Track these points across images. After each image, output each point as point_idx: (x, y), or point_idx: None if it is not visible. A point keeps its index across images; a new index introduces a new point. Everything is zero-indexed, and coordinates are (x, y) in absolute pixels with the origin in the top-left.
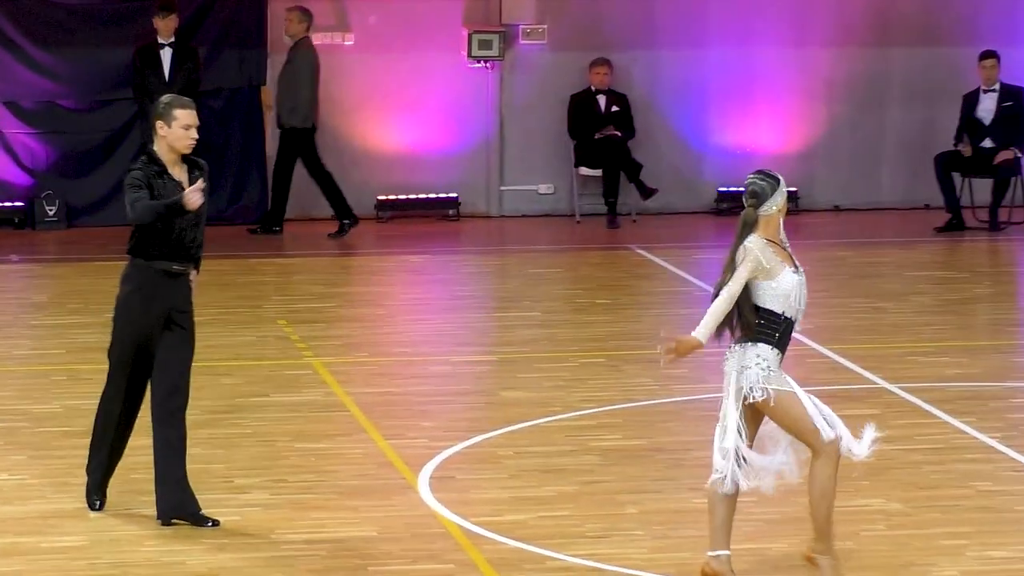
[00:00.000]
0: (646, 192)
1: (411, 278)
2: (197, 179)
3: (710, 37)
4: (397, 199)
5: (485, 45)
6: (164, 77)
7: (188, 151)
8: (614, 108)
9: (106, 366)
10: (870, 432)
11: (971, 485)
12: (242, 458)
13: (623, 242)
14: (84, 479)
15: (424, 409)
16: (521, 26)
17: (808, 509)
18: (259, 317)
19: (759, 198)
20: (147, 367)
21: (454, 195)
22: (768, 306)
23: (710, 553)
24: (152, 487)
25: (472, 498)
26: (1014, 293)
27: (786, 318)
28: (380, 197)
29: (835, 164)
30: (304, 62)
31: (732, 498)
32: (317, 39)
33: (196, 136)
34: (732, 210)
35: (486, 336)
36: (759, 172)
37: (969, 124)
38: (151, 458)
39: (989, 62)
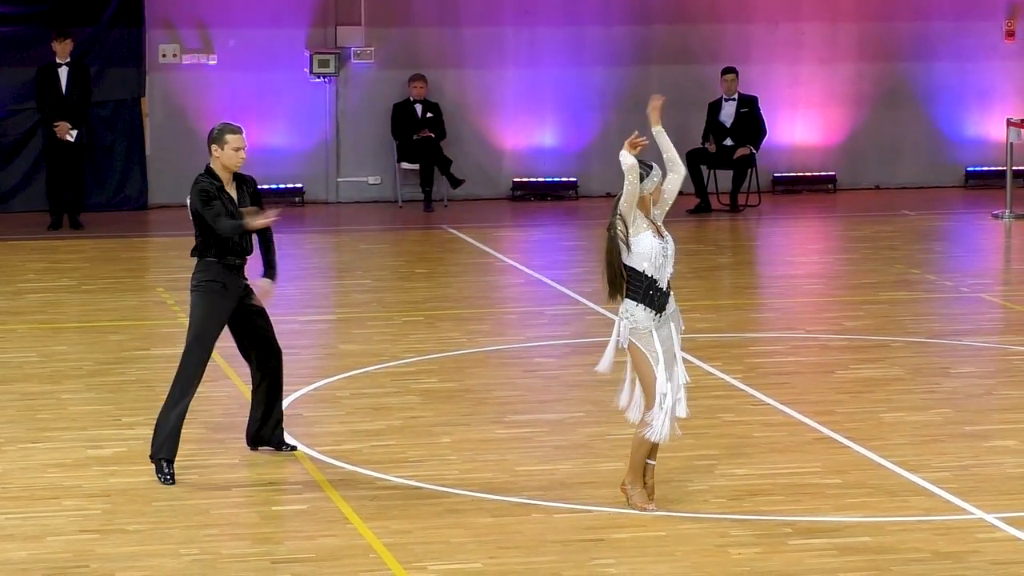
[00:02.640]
0: (455, 182)
1: None
2: (245, 193)
3: (506, 58)
4: None
5: (324, 64)
6: (62, 91)
7: (239, 169)
8: (429, 115)
9: (14, 328)
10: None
11: (718, 416)
12: (128, 400)
13: (437, 223)
14: None
15: None
16: (353, 48)
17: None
18: (141, 285)
19: None
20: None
21: (300, 185)
22: (632, 264)
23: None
24: (56, 427)
25: (316, 431)
26: (751, 262)
27: (647, 276)
28: None
29: (607, 160)
30: None
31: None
32: (187, 59)
33: (245, 156)
34: (524, 197)
35: (327, 299)
36: (638, 160)
37: (713, 126)
38: (56, 401)
39: (729, 76)
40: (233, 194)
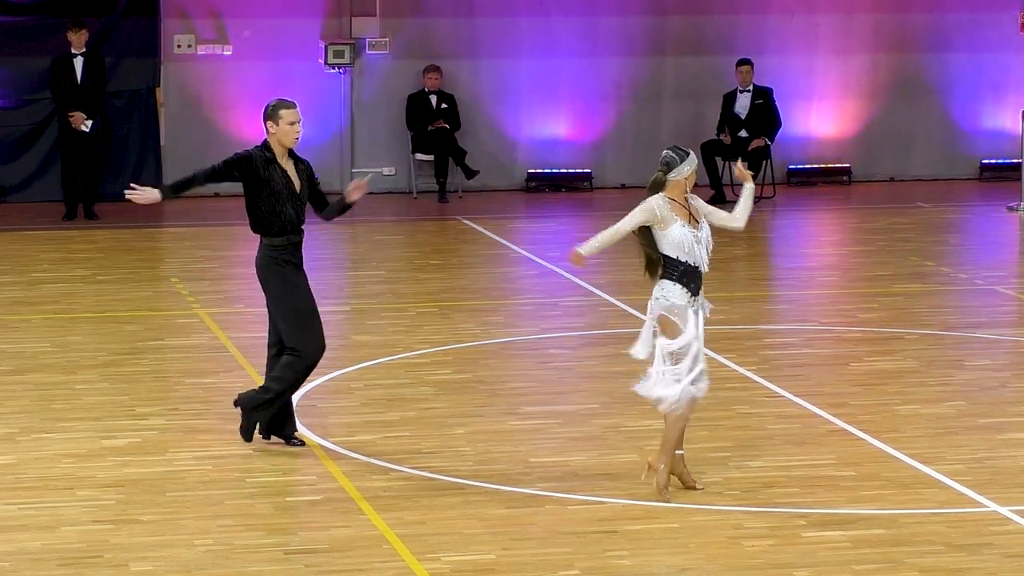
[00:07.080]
0: (470, 173)
1: None
2: (302, 172)
3: (521, 48)
4: None
5: (338, 55)
6: (77, 81)
7: (294, 144)
8: (443, 105)
9: (29, 318)
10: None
11: (732, 408)
12: (142, 391)
13: (451, 214)
14: (13, 408)
15: None
16: (368, 39)
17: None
18: (156, 276)
19: (669, 166)
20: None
21: None
22: (667, 252)
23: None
24: (71, 417)
25: (330, 422)
26: (765, 254)
27: (683, 262)
28: None
29: (622, 150)
30: None
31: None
32: (202, 50)
33: (300, 131)
34: (539, 188)
35: (341, 290)
36: (674, 146)
37: (728, 118)
38: (70, 391)
39: (744, 67)
40: (289, 169)
